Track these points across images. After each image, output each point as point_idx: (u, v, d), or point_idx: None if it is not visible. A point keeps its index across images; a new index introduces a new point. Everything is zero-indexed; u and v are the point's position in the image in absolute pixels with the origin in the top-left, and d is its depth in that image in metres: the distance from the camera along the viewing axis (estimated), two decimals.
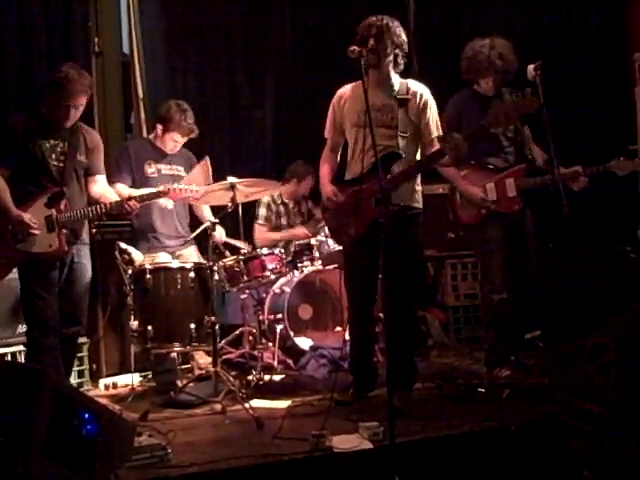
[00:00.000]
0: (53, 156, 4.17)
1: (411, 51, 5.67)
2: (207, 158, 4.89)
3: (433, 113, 4.20)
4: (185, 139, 5.08)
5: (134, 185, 4.90)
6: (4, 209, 4.05)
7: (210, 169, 4.97)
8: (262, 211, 6.08)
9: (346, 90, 4.30)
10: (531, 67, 4.50)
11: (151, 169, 5.00)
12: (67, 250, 4.15)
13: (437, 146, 4.13)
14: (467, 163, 4.61)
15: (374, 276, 4.29)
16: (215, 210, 4.96)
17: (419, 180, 4.25)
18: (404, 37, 4.12)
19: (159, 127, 5.05)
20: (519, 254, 4.71)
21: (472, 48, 4.74)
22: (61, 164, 4.19)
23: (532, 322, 5.49)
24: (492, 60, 4.62)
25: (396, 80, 4.19)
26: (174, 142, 5.05)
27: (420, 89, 4.20)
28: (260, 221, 6.08)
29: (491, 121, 3.98)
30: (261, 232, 6.08)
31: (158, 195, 4.44)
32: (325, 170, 4.36)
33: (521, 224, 4.73)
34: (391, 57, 4.09)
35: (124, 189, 4.77)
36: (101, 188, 4.41)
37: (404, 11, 6.73)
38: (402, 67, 4.18)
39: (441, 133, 4.21)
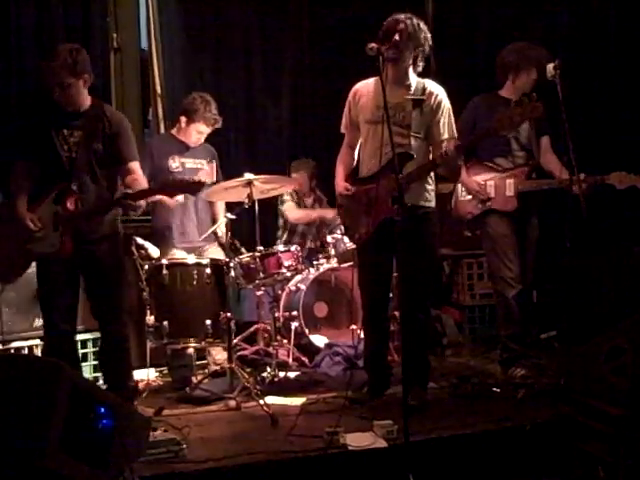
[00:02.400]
0: (65, 147, 3.95)
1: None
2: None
3: (445, 114, 4.16)
4: (210, 129, 5.09)
5: (159, 180, 4.78)
6: (13, 208, 3.94)
7: (215, 169, 5.10)
8: (287, 196, 6.10)
9: (362, 86, 4.28)
10: (550, 66, 4.50)
11: (175, 163, 5.01)
12: (70, 250, 3.89)
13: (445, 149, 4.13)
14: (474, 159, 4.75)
15: (388, 275, 4.29)
16: (231, 207, 4.96)
17: (433, 179, 4.23)
18: (429, 40, 4.10)
19: (183, 119, 5.06)
20: (523, 255, 4.76)
21: (518, 45, 4.79)
22: (74, 155, 3.94)
23: (548, 322, 5.49)
24: (538, 58, 4.65)
25: (413, 79, 4.17)
26: (198, 133, 5.06)
27: (436, 89, 4.17)
28: (289, 202, 6.08)
29: (495, 126, 3.99)
30: (292, 209, 6.10)
31: (152, 192, 4.14)
32: (340, 166, 4.36)
33: (524, 230, 4.77)
34: (412, 55, 4.07)
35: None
36: (130, 177, 4.07)
37: (423, 11, 6.72)
38: (420, 69, 4.17)
39: (455, 135, 4.19)
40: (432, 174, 4.20)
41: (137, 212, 4.20)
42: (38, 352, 4.69)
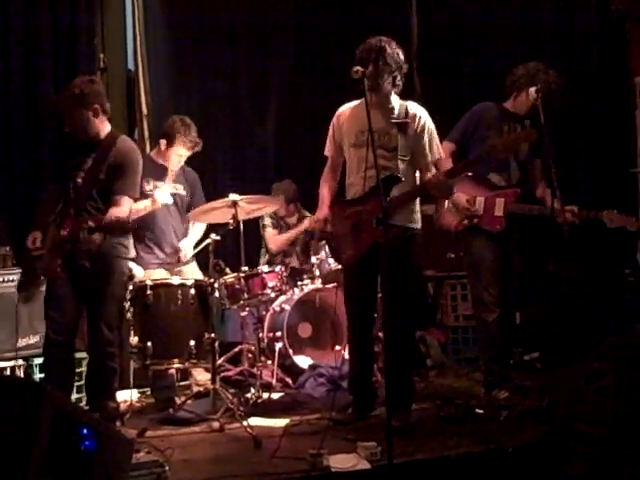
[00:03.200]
0: (74, 174, 4.18)
1: (413, 70, 5.73)
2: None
3: (430, 136, 4.20)
4: (189, 153, 5.09)
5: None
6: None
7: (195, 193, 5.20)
8: (267, 220, 6.17)
9: (345, 110, 4.31)
10: (532, 90, 4.57)
11: (149, 186, 4.96)
12: (57, 272, 4.07)
13: (433, 170, 4.15)
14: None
15: (373, 296, 4.30)
16: (215, 228, 4.97)
17: (418, 201, 4.26)
18: (402, 57, 4.12)
19: (163, 142, 5.07)
20: (506, 277, 4.72)
21: (529, 64, 4.78)
22: (79, 181, 4.17)
23: (531, 343, 5.51)
24: (547, 78, 4.64)
25: (396, 102, 4.20)
26: (178, 157, 5.06)
27: (419, 111, 4.21)
28: (268, 228, 6.18)
29: (489, 151, 4.02)
30: (272, 236, 6.19)
31: (103, 229, 4.12)
32: (325, 190, 4.37)
33: (508, 252, 4.72)
34: (390, 80, 4.10)
35: None
36: (111, 209, 4.16)
37: (407, 30, 6.80)
38: (401, 87, 4.19)
39: (442, 155, 4.23)
40: None
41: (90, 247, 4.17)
42: (20, 373, 4.67)
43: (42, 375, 4.61)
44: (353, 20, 6.80)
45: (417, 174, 4.24)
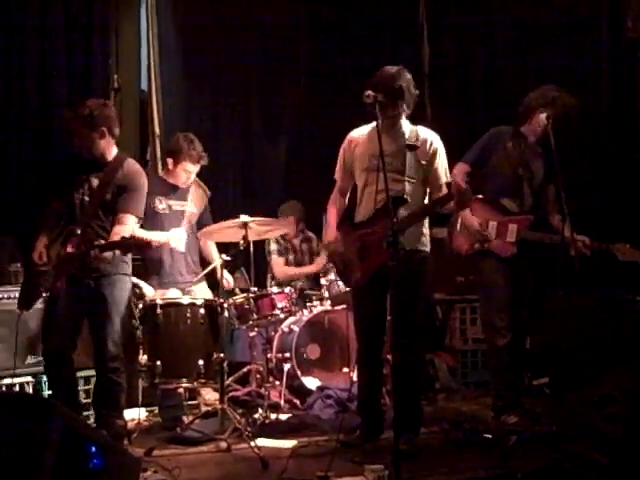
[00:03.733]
0: (81, 191, 4.25)
1: (424, 96, 5.76)
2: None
3: (442, 160, 4.24)
4: (197, 167, 5.11)
5: (145, 220, 4.81)
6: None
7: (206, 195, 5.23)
8: (274, 246, 6.21)
9: (357, 134, 4.32)
10: (543, 116, 4.57)
11: (162, 205, 5.03)
12: (62, 288, 4.11)
13: (445, 191, 4.15)
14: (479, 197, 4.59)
15: (383, 318, 4.29)
16: (226, 248, 4.99)
17: (427, 224, 4.28)
18: (412, 87, 4.12)
19: (170, 161, 5.11)
20: (517, 303, 4.70)
21: (544, 87, 4.76)
22: (86, 200, 4.25)
23: (540, 368, 5.48)
24: (561, 101, 4.62)
25: (406, 127, 4.22)
26: (186, 173, 5.08)
27: (430, 136, 4.24)
28: (274, 255, 6.21)
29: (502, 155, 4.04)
30: (279, 265, 6.21)
31: (110, 247, 4.13)
32: (332, 213, 4.39)
33: (519, 278, 4.70)
34: (403, 106, 4.12)
35: None
36: (115, 227, 4.22)
37: (419, 55, 6.86)
38: (411, 110, 4.20)
39: (449, 179, 4.25)
40: (427, 219, 4.25)
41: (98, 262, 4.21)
42: (29, 389, 4.68)
43: (50, 392, 4.62)
44: (365, 44, 6.88)
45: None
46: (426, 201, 4.26)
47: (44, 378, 4.72)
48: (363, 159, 4.22)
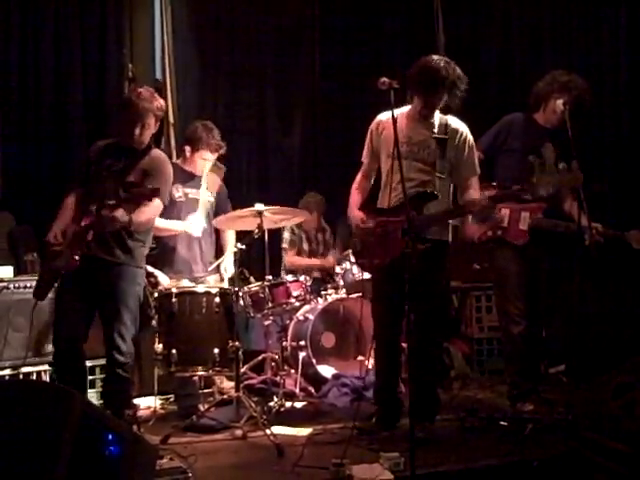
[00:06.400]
0: (104, 174, 4.12)
1: None
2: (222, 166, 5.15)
3: (471, 152, 4.19)
4: (215, 156, 5.11)
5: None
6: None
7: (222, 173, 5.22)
8: (287, 235, 6.23)
9: (385, 117, 4.19)
10: (559, 102, 4.54)
11: (178, 193, 5.02)
12: (75, 265, 3.93)
13: (473, 187, 4.14)
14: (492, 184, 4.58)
15: (402, 305, 4.27)
16: (241, 236, 4.99)
17: None
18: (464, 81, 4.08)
19: (187, 149, 5.11)
20: (533, 292, 4.69)
21: (552, 73, 4.74)
22: (109, 181, 4.08)
23: (556, 356, 5.46)
24: (574, 85, 4.59)
25: (436, 116, 4.17)
26: (204, 161, 5.09)
27: (460, 127, 4.19)
28: (285, 245, 6.23)
29: (532, 190, 4.01)
30: (290, 256, 6.22)
31: (120, 204, 4.02)
32: (355, 196, 4.34)
33: (535, 266, 4.68)
34: (445, 97, 4.07)
35: None
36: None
37: (434, 44, 6.81)
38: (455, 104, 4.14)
39: (478, 171, 4.21)
40: None
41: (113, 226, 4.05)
42: (47, 378, 4.71)
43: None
44: (380, 32, 6.84)
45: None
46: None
47: None
48: (390, 144, 4.09)
